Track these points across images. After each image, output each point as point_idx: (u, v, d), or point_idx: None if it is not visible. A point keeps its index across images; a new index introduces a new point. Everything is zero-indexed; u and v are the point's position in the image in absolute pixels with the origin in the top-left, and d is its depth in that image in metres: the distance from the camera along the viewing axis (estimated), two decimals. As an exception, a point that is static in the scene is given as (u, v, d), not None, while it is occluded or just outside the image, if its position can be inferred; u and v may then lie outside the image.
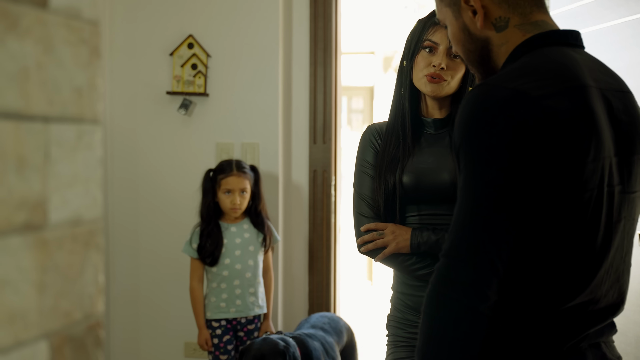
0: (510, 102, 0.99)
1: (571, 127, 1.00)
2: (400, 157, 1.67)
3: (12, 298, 0.59)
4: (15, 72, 0.59)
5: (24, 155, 0.60)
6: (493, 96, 1.01)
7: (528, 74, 1.03)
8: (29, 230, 0.60)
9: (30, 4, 0.60)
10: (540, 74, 1.04)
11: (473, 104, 1.03)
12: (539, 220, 1.01)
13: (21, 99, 0.59)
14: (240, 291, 2.69)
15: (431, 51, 1.64)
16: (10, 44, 0.58)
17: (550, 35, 1.10)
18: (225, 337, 2.71)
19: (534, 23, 1.12)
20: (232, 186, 2.68)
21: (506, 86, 1.01)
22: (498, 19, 1.13)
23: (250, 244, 2.73)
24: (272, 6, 2.97)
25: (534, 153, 0.98)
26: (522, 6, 1.12)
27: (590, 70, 1.08)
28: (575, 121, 1.00)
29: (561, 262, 1.03)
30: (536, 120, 0.98)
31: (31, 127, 0.61)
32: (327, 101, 3.04)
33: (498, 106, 1.00)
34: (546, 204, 1.00)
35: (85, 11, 0.68)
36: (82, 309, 0.68)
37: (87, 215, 0.69)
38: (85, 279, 0.68)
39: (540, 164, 0.98)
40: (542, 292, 1.04)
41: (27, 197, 0.60)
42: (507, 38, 1.13)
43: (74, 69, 0.66)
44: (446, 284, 1.02)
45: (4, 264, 0.58)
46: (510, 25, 1.12)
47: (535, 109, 0.98)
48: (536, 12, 1.13)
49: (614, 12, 2.57)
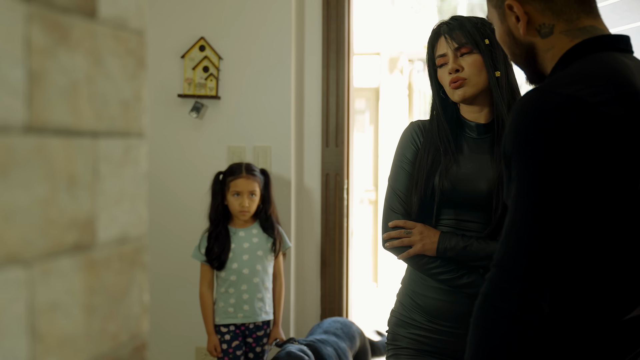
0: (567, 108, 0.97)
1: (627, 134, 0.98)
2: (442, 161, 1.66)
3: (63, 322, 0.56)
4: (66, 87, 0.56)
5: (74, 173, 0.57)
6: (548, 102, 0.99)
7: (582, 80, 1.02)
8: (78, 251, 0.58)
9: (80, 14, 0.58)
10: (594, 80, 1.02)
11: (527, 111, 1.01)
12: (595, 230, 1.00)
13: (71, 114, 0.57)
14: (248, 296, 2.66)
15: (442, 66, 1.68)
16: (61, 57, 0.55)
17: (601, 41, 1.08)
18: (234, 343, 2.68)
19: (582, 29, 1.09)
20: (240, 188, 2.65)
21: (561, 92, 0.99)
22: (542, 25, 1.11)
23: (258, 249, 2.70)
24: (285, 8, 2.95)
25: (591, 161, 0.96)
26: (567, 13, 1.10)
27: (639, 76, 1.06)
28: (631, 128, 0.98)
29: (617, 273, 1.01)
30: (594, 128, 0.96)
31: (80, 143, 0.58)
32: (340, 104, 3.02)
33: (554, 113, 0.98)
34: (603, 214, 0.99)
35: (132, 21, 0.65)
36: (128, 330, 0.65)
37: (133, 233, 0.66)
38: (131, 299, 0.66)
39: (598, 173, 0.97)
40: (598, 304, 1.02)
41: (77, 216, 0.58)
42: (552, 44, 1.11)
43: (121, 81, 0.64)
44: (498, 294, 1.00)
45: (55, 287, 0.55)
46: (556, 32, 1.10)
47: (592, 116, 0.97)
48: (584, 18, 1.10)
49: (628, 17, 2.55)
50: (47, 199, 0.54)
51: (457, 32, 1.64)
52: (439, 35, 1.68)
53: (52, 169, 0.55)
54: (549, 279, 0.98)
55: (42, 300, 0.54)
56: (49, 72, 0.54)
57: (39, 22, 0.53)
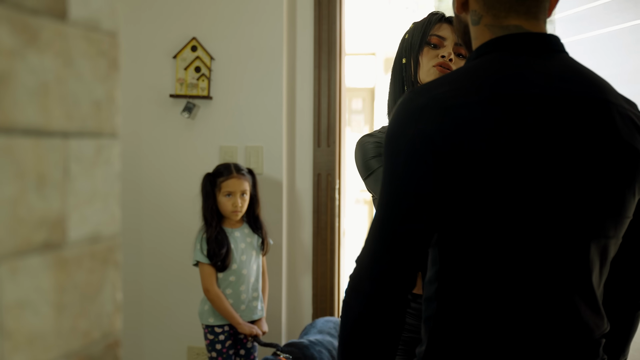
0: (427, 109, 0.99)
1: (484, 137, 0.97)
2: None
3: (32, 320, 0.57)
4: (36, 87, 0.57)
5: (43, 173, 0.58)
6: (414, 102, 1.01)
7: (454, 81, 1.02)
8: (48, 250, 0.59)
9: (49, 16, 0.59)
10: (465, 81, 1.02)
11: (396, 109, 1.03)
12: (451, 230, 1.02)
13: (41, 114, 0.58)
14: (246, 296, 2.69)
15: (436, 47, 1.61)
16: (30, 59, 0.56)
17: (506, 40, 1.06)
18: (228, 342, 2.69)
19: (505, 27, 1.07)
20: (233, 188, 2.66)
21: (429, 93, 1.01)
22: (474, 12, 1.11)
23: (252, 249, 2.73)
24: (277, 9, 2.96)
25: (445, 161, 0.97)
26: (497, 8, 1.07)
27: (548, 77, 1.03)
28: (488, 131, 0.97)
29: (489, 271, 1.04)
30: (450, 129, 0.97)
31: (51, 144, 0.59)
32: (332, 104, 3.03)
33: (415, 113, 1.00)
34: (455, 214, 1.00)
35: (104, 22, 0.66)
36: (100, 328, 0.66)
37: (106, 232, 0.67)
38: (104, 298, 0.67)
39: (451, 174, 0.97)
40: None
41: (47, 215, 0.58)
42: (477, 34, 1.10)
43: (92, 82, 0.64)
44: (351, 291, 1.05)
45: (24, 285, 0.56)
46: (482, 23, 1.09)
47: (449, 117, 0.97)
48: (513, 17, 1.07)
49: (619, 17, 2.56)
50: (16, 198, 0.55)
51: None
52: (442, 20, 1.63)
53: (21, 168, 0.55)
54: (396, 280, 1.01)
55: (9, 297, 0.54)
56: (17, 73, 0.55)
57: (7, 24, 0.54)
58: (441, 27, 1.62)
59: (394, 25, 7.45)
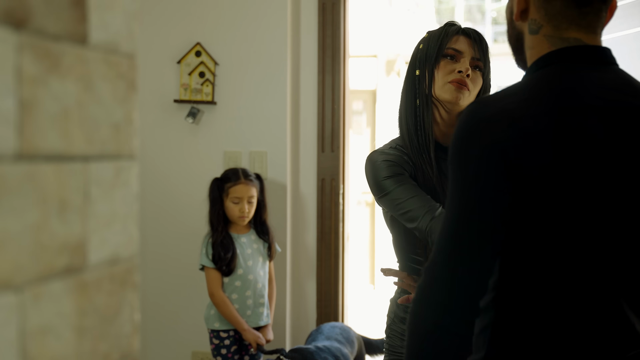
0: (494, 121, 1.00)
1: (550, 147, 0.98)
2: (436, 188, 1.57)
3: (54, 345, 0.57)
4: (57, 113, 0.57)
5: (65, 198, 0.58)
6: (479, 113, 1.02)
7: (518, 93, 1.04)
8: (69, 274, 0.59)
9: (71, 41, 0.59)
10: (530, 92, 1.03)
11: (461, 121, 1.04)
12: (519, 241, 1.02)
13: (62, 139, 0.58)
14: (252, 301, 2.69)
15: (453, 59, 1.57)
16: (52, 85, 0.56)
17: (567, 52, 1.08)
18: (233, 348, 2.70)
19: (565, 39, 1.09)
20: (240, 194, 2.67)
21: (495, 105, 1.02)
22: (533, 20, 1.11)
23: (259, 254, 2.74)
24: (280, 13, 2.96)
25: (513, 173, 0.98)
26: (559, 19, 1.08)
27: (606, 89, 1.05)
28: (554, 142, 0.99)
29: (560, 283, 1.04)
30: (511, 140, 0.98)
31: (72, 168, 0.59)
32: (336, 109, 3.03)
33: (481, 125, 1.00)
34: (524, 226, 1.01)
35: (123, 45, 0.66)
36: (119, 349, 0.66)
37: (124, 254, 0.67)
38: (122, 319, 0.67)
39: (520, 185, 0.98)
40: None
41: (68, 240, 0.59)
42: (534, 44, 1.11)
43: (112, 104, 0.65)
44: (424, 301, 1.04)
45: (46, 310, 0.56)
46: (541, 33, 1.10)
47: (517, 128, 0.98)
48: (574, 30, 1.09)
49: (624, 24, 2.56)
50: (39, 225, 0.55)
51: (478, 45, 1.58)
52: (459, 32, 1.59)
53: (44, 194, 0.56)
54: (472, 289, 1.01)
55: (33, 324, 0.55)
56: (40, 99, 0.55)
57: (30, 51, 0.54)
58: (458, 40, 1.58)
59: (395, 27, 7.45)
